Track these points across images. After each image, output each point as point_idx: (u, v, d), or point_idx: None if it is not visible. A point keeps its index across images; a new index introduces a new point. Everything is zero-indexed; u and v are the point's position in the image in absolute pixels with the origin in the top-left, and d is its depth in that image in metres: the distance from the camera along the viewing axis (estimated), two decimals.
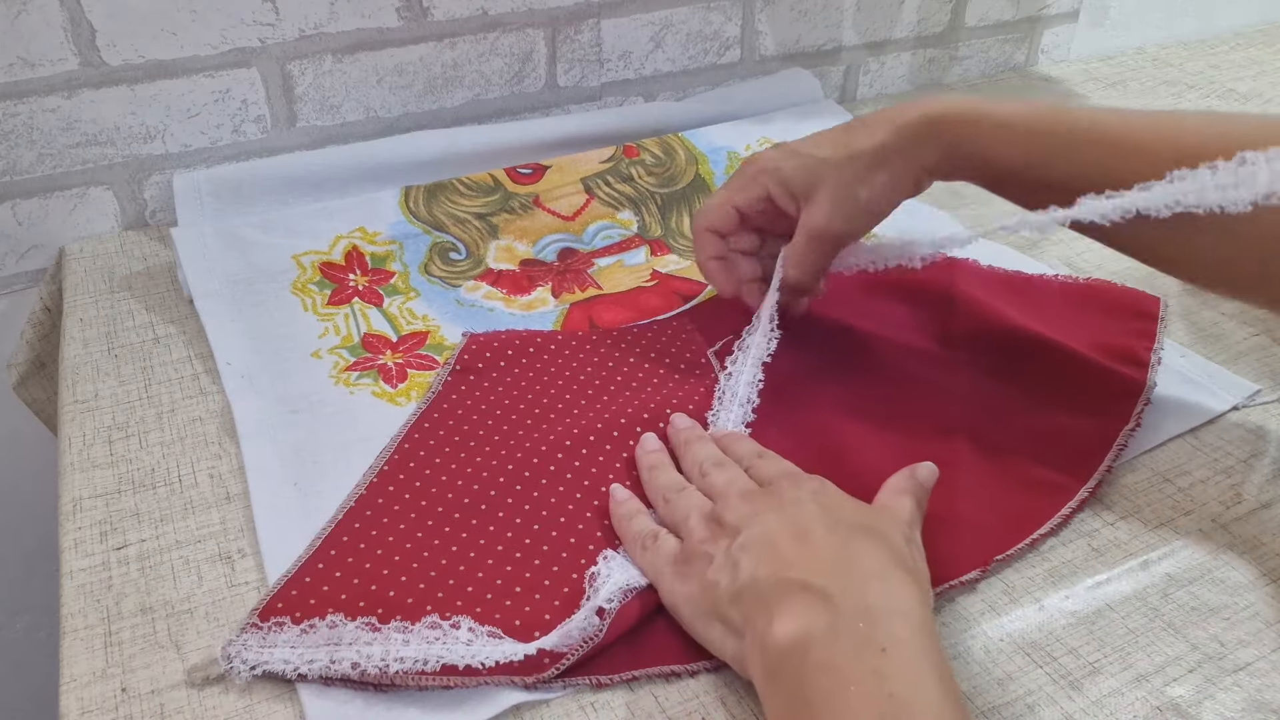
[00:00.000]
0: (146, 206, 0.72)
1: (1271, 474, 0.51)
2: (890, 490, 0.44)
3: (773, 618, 0.36)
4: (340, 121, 0.74)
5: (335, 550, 0.45)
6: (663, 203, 0.72)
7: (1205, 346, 0.60)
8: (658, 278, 0.66)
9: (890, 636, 0.35)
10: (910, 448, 0.51)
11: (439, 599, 0.43)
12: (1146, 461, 0.52)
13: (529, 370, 0.56)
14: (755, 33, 0.86)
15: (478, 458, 0.50)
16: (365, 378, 0.57)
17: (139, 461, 0.51)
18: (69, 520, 0.48)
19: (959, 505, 0.48)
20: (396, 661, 0.39)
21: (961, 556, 0.45)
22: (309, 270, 0.64)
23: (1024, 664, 0.42)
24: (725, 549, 0.40)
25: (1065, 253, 0.70)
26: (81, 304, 0.63)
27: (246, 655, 0.40)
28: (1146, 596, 0.45)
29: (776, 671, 0.36)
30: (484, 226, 0.68)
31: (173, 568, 0.45)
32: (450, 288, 0.65)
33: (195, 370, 0.58)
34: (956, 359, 0.57)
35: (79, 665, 0.41)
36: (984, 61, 1.00)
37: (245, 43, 0.69)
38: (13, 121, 0.65)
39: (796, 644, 0.35)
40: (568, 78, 0.80)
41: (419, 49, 0.74)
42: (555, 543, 0.46)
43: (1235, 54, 1.09)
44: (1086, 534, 0.48)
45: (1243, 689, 0.41)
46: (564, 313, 0.63)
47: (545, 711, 0.40)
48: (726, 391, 0.54)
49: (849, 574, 0.37)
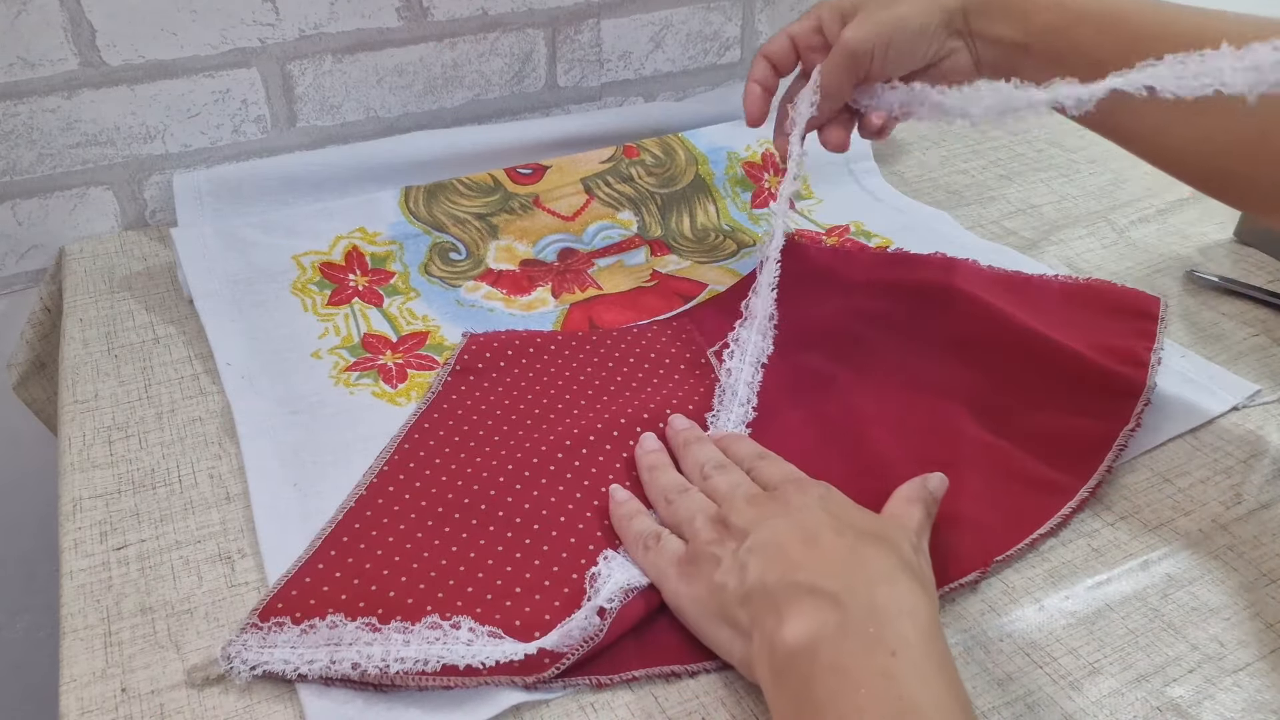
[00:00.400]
0: (146, 206, 0.72)
1: (1271, 474, 0.51)
2: (901, 498, 0.44)
3: (782, 620, 0.36)
4: (340, 122, 0.74)
5: (335, 550, 0.45)
6: (663, 203, 0.72)
7: (1205, 346, 0.60)
8: (658, 278, 0.66)
9: (900, 639, 0.35)
10: (910, 448, 0.51)
11: (439, 599, 0.43)
12: (1146, 461, 0.52)
13: (529, 370, 0.56)
14: (755, 33, 0.86)
15: (478, 458, 0.50)
16: (365, 378, 0.57)
17: (139, 462, 0.51)
18: (69, 520, 0.48)
19: (959, 505, 0.47)
20: (397, 662, 0.39)
21: (962, 557, 0.45)
22: (309, 270, 0.64)
23: (1024, 664, 0.42)
24: (733, 551, 0.40)
25: (1065, 253, 0.70)
26: (81, 304, 0.63)
27: (246, 655, 0.40)
28: (1146, 597, 0.45)
29: (785, 673, 0.36)
30: (484, 227, 0.68)
31: (173, 568, 0.45)
32: (450, 288, 0.65)
33: (195, 370, 0.58)
34: (956, 359, 0.57)
35: (79, 665, 0.41)
36: None
37: (245, 43, 0.69)
38: (13, 121, 0.65)
39: (806, 646, 0.35)
40: (568, 78, 0.81)
41: (419, 49, 0.74)
42: (555, 543, 0.46)
43: None
44: (1086, 534, 0.48)
45: (1243, 689, 0.41)
46: (564, 313, 0.63)
47: (545, 712, 0.40)
48: (726, 391, 0.54)
49: (858, 577, 0.37)
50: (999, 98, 0.51)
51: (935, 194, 0.78)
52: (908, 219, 0.73)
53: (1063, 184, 0.79)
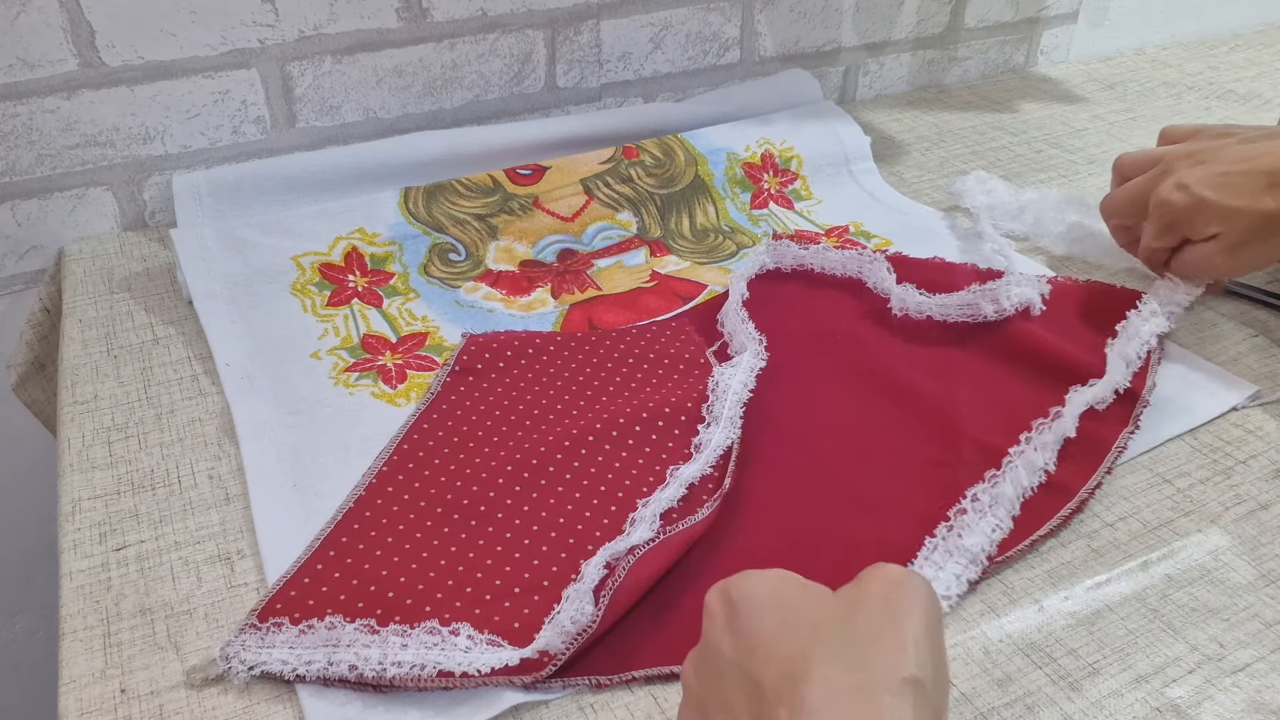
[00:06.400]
0: (146, 207, 0.72)
1: (1271, 474, 0.51)
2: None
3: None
4: (340, 122, 0.74)
5: (334, 551, 0.45)
6: (662, 204, 0.72)
7: (1205, 347, 0.60)
8: (657, 279, 0.66)
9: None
10: (910, 452, 0.51)
11: (438, 600, 0.43)
12: (1146, 462, 0.52)
13: (528, 371, 0.56)
14: (754, 34, 0.86)
15: (477, 458, 0.50)
16: (365, 379, 0.57)
17: (138, 462, 0.51)
18: (68, 521, 0.48)
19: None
20: (394, 665, 0.39)
21: None
22: (308, 271, 0.64)
23: (1024, 665, 0.42)
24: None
25: (1065, 253, 0.70)
26: (81, 305, 0.63)
27: (245, 656, 0.40)
28: (1146, 597, 0.45)
29: None
30: (483, 227, 0.68)
31: (172, 569, 0.45)
32: (450, 289, 0.65)
33: (195, 371, 0.58)
34: (954, 361, 0.58)
35: (78, 666, 0.41)
36: (983, 63, 1.00)
37: (245, 44, 0.69)
38: (12, 122, 0.65)
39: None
40: (567, 79, 0.81)
41: (418, 50, 0.74)
42: (554, 543, 0.46)
43: (1234, 55, 1.09)
44: (1086, 535, 0.48)
45: (1242, 690, 0.41)
46: (563, 314, 0.63)
47: (545, 712, 0.40)
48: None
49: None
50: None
51: (935, 194, 0.78)
52: (907, 219, 0.73)
53: (1062, 184, 0.79)
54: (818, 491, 0.49)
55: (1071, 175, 0.81)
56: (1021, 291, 0.59)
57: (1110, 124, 0.91)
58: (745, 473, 0.50)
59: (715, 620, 0.34)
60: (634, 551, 0.43)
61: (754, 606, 0.34)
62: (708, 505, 0.47)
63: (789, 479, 0.50)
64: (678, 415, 0.53)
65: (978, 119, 0.92)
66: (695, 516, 0.46)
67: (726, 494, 0.48)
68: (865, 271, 0.64)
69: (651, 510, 0.46)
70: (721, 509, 0.47)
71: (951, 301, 0.60)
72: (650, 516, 0.46)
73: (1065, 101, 0.96)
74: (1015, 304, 0.59)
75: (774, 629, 0.33)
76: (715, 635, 0.34)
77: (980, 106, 0.94)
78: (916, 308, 0.60)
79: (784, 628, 0.33)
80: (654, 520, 0.46)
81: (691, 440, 0.51)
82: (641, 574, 0.42)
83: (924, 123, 0.91)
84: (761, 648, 0.32)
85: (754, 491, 0.49)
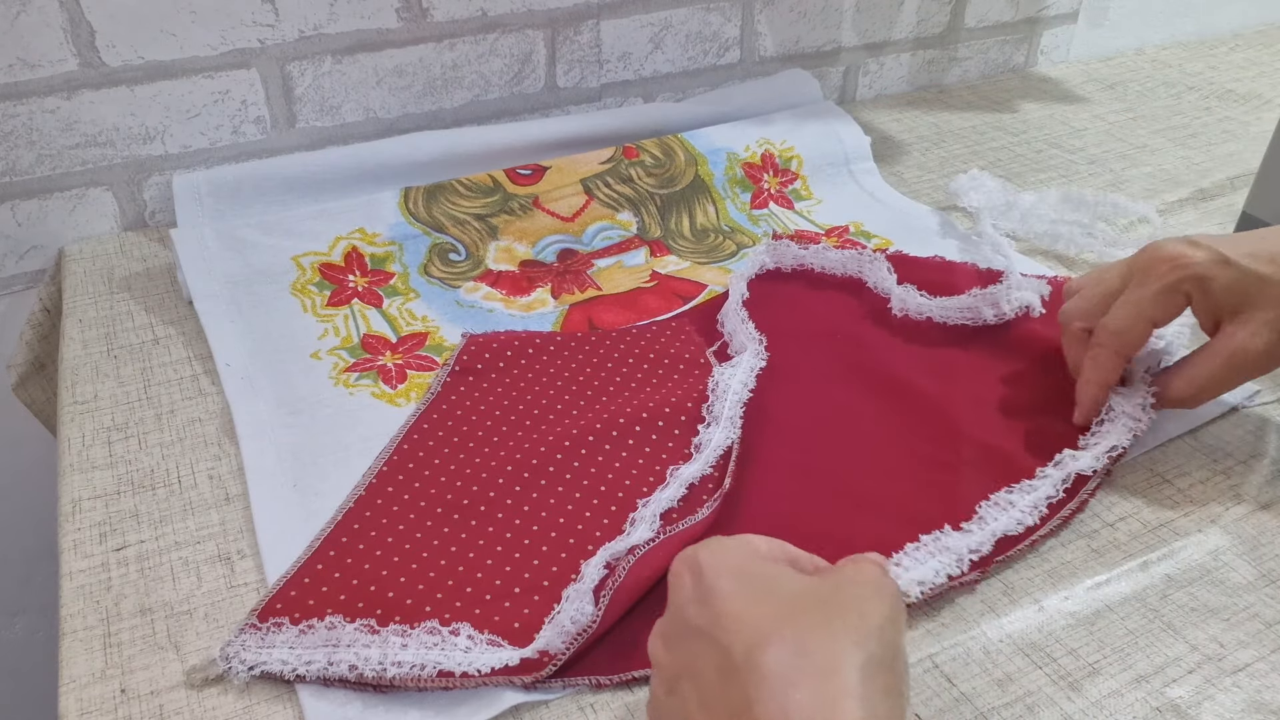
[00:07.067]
0: (146, 207, 0.72)
1: (1271, 474, 0.51)
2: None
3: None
4: (340, 122, 0.74)
5: (334, 551, 0.45)
6: (662, 204, 0.72)
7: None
8: (657, 279, 0.66)
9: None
10: (909, 452, 0.51)
11: (438, 600, 0.43)
12: (1146, 462, 0.52)
13: (528, 371, 0.56)
14: (754, 34, 0.86)
15: (477, 458, 0.50)
16: (365, 379, 0.57)
17: (138, 462, 0.51)
18: (68, 521, 0.48)
19: (960, 507, 0.48)
20: (394, 665, 0.39)
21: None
22: (308, 271, 0.64)
23: (1024, 665, 0.42)
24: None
25: (1064, 253, 0.70)
26: (81, 305, 0.63)
27: (245, 656, 0.40)
28: (1146, 597, 0.45)
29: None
30: (484, 227, 0.68)
31: (172, 569, 0.45)
32: (450, 289, 0.65)
33: (195, 371, 0.58)
34: (954, 361, 0.58)
35: (78, 666, 0.41)
36: (983, 63, 1.00)
37: (245, 44, 0.69)
38: (12, 122, 0.65)
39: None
40: (567, 79, 0.81)
41: (418, 50, 0.74)
42: (554, 543, 0.46)
43: (1234, 55, 1.09)
44: (1086, 534, 0.48)
45: (1242, 690, 0.41)
46: (563, 314, 0.63)
47: (545, 712, 0.40)
48: (715, 407, 0.53)
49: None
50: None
51: (935, 194, 0.78)
52: (907, 219, 0.73)
53: (1062, 184, 0.79)
54: (817, 491, 0.49)
55: (1071, 175, 0.81)
56: (1022, 295, 0.59)
57: (1110, 124, 0.91)
58: (745, 473, 0.50)
59: (683, 588, 0.35)
60: (634, 551, 0.43)
61: (722, 575, 0.34)
62: (708, 505, 0.47)
63: (789, 479, 0.50)
64: (678, 415, 0.53)
65: (978, 119, 0.92)
66: (695, 516, 0.46)
67: (726, 494, 0.48)
68: (865, 271, 0.64)
69: (651, 510, 0.46)
70: (721, 509, 0.47)
71: (952, 305, 0.60)
72: (650, 516, 0.46)
73: (1065, 101, 0.96)
74: (1016, 308, 0.59)
75: (743, 599, 0.33)
76: (682, 603, 0.35)
77: (980, 106, 0.94)
78: (917, 309, 0.60)
79: (753, 598, 0.33)
80: (654, 520, 0.46)
81: (691, 440, 0.51)
82: (641, 574, 0.42)
83: (924, 123, 0.91)
84: (728, 617, 0.33)
85: (754, 491, 0.49)
